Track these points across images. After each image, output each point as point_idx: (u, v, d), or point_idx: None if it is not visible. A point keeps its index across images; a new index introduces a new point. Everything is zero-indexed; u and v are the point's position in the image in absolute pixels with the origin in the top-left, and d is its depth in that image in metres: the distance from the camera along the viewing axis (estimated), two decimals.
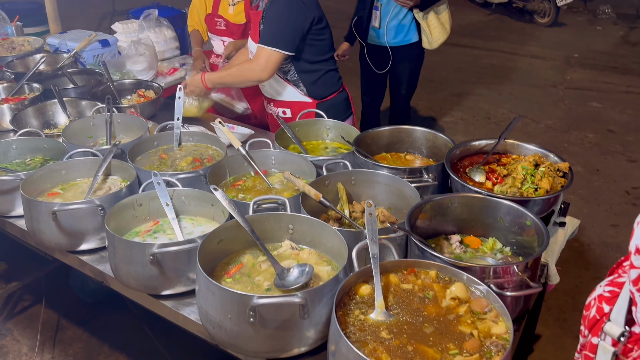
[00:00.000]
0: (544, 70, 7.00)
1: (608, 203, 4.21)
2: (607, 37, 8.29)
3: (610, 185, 4.45)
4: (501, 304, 1.30)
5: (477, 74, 6.85)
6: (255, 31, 2.54)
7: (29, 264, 3.07)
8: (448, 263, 1.42)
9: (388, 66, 3.84)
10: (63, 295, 3.07)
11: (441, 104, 5.96)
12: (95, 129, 2.37)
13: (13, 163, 2.17)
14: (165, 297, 1.60)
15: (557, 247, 1.89)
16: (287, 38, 2.37)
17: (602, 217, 4.03)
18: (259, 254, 1.62)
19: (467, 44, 7.78)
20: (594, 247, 3.70)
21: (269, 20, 2.39)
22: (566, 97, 6.17)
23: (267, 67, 2.38)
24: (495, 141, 1.99)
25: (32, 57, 3.17)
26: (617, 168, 4.72)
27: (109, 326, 2.94)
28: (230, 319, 1.33)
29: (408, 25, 3.73)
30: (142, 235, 1.75)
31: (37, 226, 1.78)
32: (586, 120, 5.59)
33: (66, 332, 2.93)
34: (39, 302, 3.05)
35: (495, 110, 5.84)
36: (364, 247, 1.43)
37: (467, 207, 1.71)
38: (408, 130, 2.21)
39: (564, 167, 1.83)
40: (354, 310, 1.32)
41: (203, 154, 2.20)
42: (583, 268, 3.46)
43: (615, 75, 6.78)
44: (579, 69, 7.00)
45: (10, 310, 3.04)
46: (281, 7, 2.36)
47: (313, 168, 1.96)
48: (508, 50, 7.69)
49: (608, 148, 5.05)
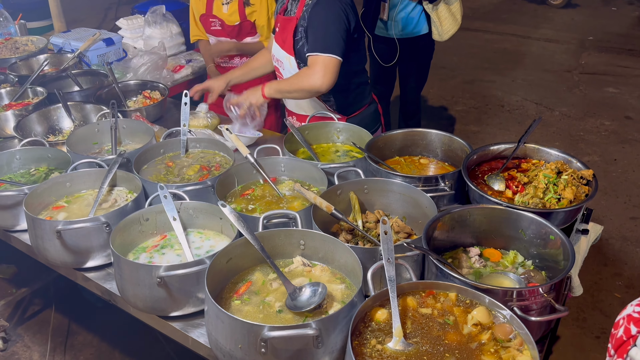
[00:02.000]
0: (557, 54, 6.85)
1: (627, 194, 4.10)
2: (623, 18, 8.09)
3: (628, 176, 4.34)
4: (526, 331, 1.24)
5: (489, 59, 6.71)
6: (286, 38, 2.38)
7: (39, 268, 3.05)
8: (469, 285, 1.35)
9: (395, 59, 3.75)
10: (73, 299, 3.05)
11: (453, 92, 5.84)
12: (100, 135, 2.31)
13: (17, 174, 2.13)
14: (174, 318, 1.56)
15: (580, 257, 1.82)
16: (339, 42, 2.22)
17: (620, 210, 3.93)
18: (269, 272, 1.56)
19: (479, 27, 7.62)
20: (613, 241, 3.61)
21: (317, 27, 2.24)
22: (581, 83, 6.03)
23: (326, 75, 2.20)
24: (514, 145, 1.91)
25: (35, 58, 3.11)
26: (635, 157, 4.60)
27: (119, 331, 2.91)
28: (241, 349, 1.28)
29: (417, 17, 3.63)
30: (149, 251, 1.70)
31: (41, 244, 1.74)
32: (602, 107, 5.46)
33: (77, 337, 2.91)
34: (49, 307, 3.04)
35: (508, 98, 5.72)
36: (380, 267, 1.37)
37: (486, 219, 1.64)
38: (422, 133, 2.13)
39: (588, 175, 1.75)
40: (370, 340, 1.26)
41: (210, 161, 2.13)
42: (602, 264, 3.38)
43: (632, 58, 6.61)
44: (594, 53, 6.83)
45: (20, 315, 3.03)
46: (327, 12, 2.22)
47: (324, 175, 1.90)
48: (520, 34, 7.53)
49: (626, 136, 4.92)
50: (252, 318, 1.40)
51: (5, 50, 3.25)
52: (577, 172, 1.76)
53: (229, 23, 3.07)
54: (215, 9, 3.08)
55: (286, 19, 2.38)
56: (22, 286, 3.10)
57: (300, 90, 2.29)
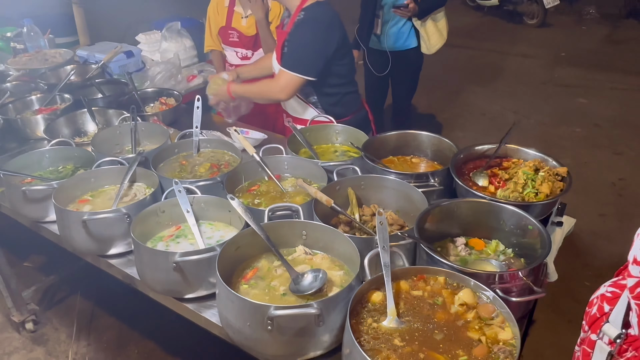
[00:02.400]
0: (533, 68, 6.84)
1: (596, 194, 4.10)
2: (592, 37, 8.09)
3: (597, 177, 4.34)
4: (507, 310, 1.23)
5: (472, 72, 6.70)
6: (278, 50, 2.39)
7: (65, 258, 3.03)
8: (456, 269, 1.34)
9: (387, 69, 3.75)
10: (96, 286, 3.03)
11: (439, 102, 5.83)
12: (121, 137, 2.30)
13: (47, 171, 2.11)
14: (188, 300, 1.55)
15: (555, 246, 1.81)
16: (310, 64, 2.22)
17: (590, 207, 3.92)
18: (274, 259, 1.55)
19: (462, 44, 7.60)
20: (584, 235, 3.60)
21: (293, 45, 2.24)
22: (555, 94, 6.02)
23: (285, 90, 2.24)
24: (496, 146, 1.91)
25: (63, 68, 3.10)
26: (603, 160, 4.60)
27: (138, 314, 2.90)
28: (249, 326, 1.27)
29: (407, 32, 3.63)
30: (165, 240, 1.69)
31: (68, 233, 1.73)
32: (574, 116, 5.45)
33: (100, 320, 2.90)
34: (75, 293, 3.02)
35: (489, 107, 5.71)
36: (376, 254, 1.36)
37: (471, 211, 1.63)
38: (414, 134, 2.12)
39: (563, 172, 1.74)
40: (366, 319, 1.25)
41: (220, 160, 2.12)
42: (573, 256, 3.37)
43: (600, 72, 6.60)
44: (566, 67, 6.83)
45: (49, 300, 3.02)
46: (306, 33, 2.21)
47: (324, 172, 1.89)
48: (500, 50, 7.52)
49: (595, 142, 4.92)
50: (259, 300, 1.39)
51: (35, 62, 3.23)
52: (553, 169, 1.76)
53: (247, 34, 3.09)
54: (235, 22, 3.10)
55: (281, 32, 2.39)
56: (50, 274, 3.08)
57: (262, 98, 2.38)
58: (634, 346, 1.15)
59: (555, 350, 2.55)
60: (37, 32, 3.45)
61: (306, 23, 2.21)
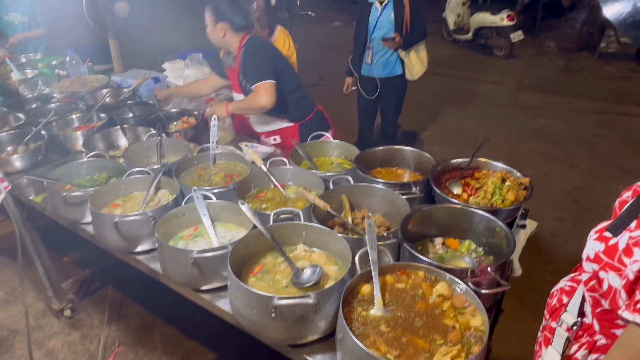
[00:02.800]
0: (501, 93, 6.87)
1: (554, 201, 4.10)
2: (552, 66, 8.13)
3: (556, 186, 4.34)
4: (478, 300, 1.22)
5: (449, 96, 6.73)
6: (236, 84, 2.54)
7: (99, 255, 3.03)
8: (434, 265, 1.34)
9: (376, 93, 3.77)
10: (125, 279, 3.02)
11: (421, 122, 5.85)
12: (148, 150, 2.30)
13: (84, 179, 2.11)
14: (204, 291, 1.54)
15: (520, 245, 1.80)
16: (267, 70, 2.34)
17: (550, 212, 3.92)
18: (278, 256, 1.54)
19: (441, 72, 7.65)
20: (544, 236, 3.60)
21: (250, 63, 2.37)
22: (519, 115, 6.04)
23: (269, 96, 2.32)
24: (469, 159, 1.91)
25: (99, 91, 3.11)
26: (561, 172, 4.60)
27: (161, 303, 2.88)
28: (255, 314, 1.26)
29: (394, 61, 3.65)
30: (185, 239, 1.69)
31: (102, 233, 1.72)
32: (536, 134, 5.46)
33: (128, 308, 2.88)
34: (106, 285, 3.00)
35: (464, 126, 5.72)
36: (365, 252, 1.35)
37: (448, 215, 1.62)
38: (399, 149, 2.12)
39: (526, 182, 1.74)
40: (357, 308, 1.24)
41: (233, 170, 2.12)
42: (536, 254, 3.36)
43: (558, 96, 6.63)
44: (529, 92, 6.85)
45: (85, 291, 3.00)
46: (255, 50, 2.37)
47: (321, 181, 1.89)
48: (473, 78, 7.55)
49: (554, 156, 4.92)
50: (265, 291, 1.37)
51: (76, 86, 3.24)
52: (517, 179, 1.76)
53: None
54: None
55: (231, 69, 2.53)
56: (85, 268, 3.07)
57: (253, 109, 2.42)
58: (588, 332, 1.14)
59: (521, 335, 2.54)
60: (78, 61, 3.46)
61: (250, 49, 2.39)
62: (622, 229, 1.01)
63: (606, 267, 1.02)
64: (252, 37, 2.43)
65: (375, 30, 3.57)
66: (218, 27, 2.37)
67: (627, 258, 0.97)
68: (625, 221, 1.01)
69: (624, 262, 0.98)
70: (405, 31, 3.51)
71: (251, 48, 2.39)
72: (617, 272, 0.99)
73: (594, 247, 1.05)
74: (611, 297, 1.01)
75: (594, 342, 1.13)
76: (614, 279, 1.00)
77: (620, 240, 1.01)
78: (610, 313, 1.08)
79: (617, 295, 0.99)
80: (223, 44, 2.44)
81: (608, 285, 1.02)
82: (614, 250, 1.00)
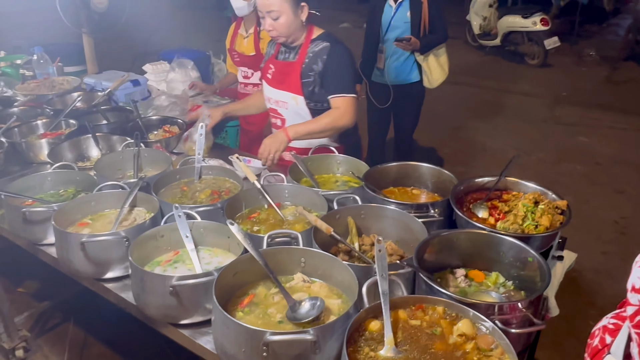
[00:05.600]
0: (534, 106, 6.95)
1: (598, 231, 4.09)
2: (592, 77, 8.24)
3: (599, 215, 4.33)
4: (507, 341, 1.22)
5: (473, 109, 6.80)
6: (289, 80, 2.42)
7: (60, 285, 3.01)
8: (455, 300, 1.33)
9: (389, 102, 3.82)
10: (90, 314, 2.99)
11: (441, 137, 5.90)
12: (123, 162, 2.33)
13: (47, 194, 2.12)
14: (183, 326, 1.53)
15: (556, 280, 1.80)
16: (353, 83, 2.36)
17: (592, 245, 3.91)
18: (271, 286, 1.54)
19: (464, 82, 7.75)
20: (586, 273, 3.57)
21: (337, 71, 2.34)
22: (556, 132, 6.09)
23: (353, 113, 2.33)
24: (496, 179, 1.92)
25: (69, 95, 3.16)
26: (605, 198, 4.60)
27: (132, 344, 2.85)
28: (244, 352, 1.26)
29: (410, 66, 3.72)
30: (163, 265, 1.69)
31: (66, 255, 1.72)
32: (575, 153, 5.49)
33: (92, 349, 2.85)
34: (67, 320, 2.98)
35: (490, 143, 5.77)
36: (374, 283, 1.35)
37: (471, 242, 1.63)
38: (414, 166, 2.14)
39: (562, 205, 1.75)
40: (363, 347, 1.24)
41: (221, 187, 2.14)
42: (576, 294, 3.34)
43: (600, 111, 6.70)
44: (566, 106, 6.93)
45: (41, 327, 2.97)
46: (344, 56, 2.36)
47: (324, 201, 1.90)
48: (501, 88, 7.65)
49: (596, 179, 4.94)
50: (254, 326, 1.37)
51: (43, 88, 3.29)
52: (553, 202, 1.77)
53: (247, 53, 3.33)
54: (237, 43, 3.39)
55: (286, 63, 2.45)
56: (43, 300, 3.05)
57: (332, 129, 2.36)
58: None
59: None
60: (46, 60, 3.53)
61: (339, 51, 2.35)
62: None
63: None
64: (335, 38, 2.38)
65: (389, 31, 3.65)
66: (302, 6, 2.28)
67: None
68: None
69: None
70: (423, 32, 3.59)
71: (340, 48, 2.34)
72: None
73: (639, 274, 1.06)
74: None
75: None
76: None
77: None
78: None
79: None
80: (292, 30, 2.31)
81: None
82: None
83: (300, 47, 2.40)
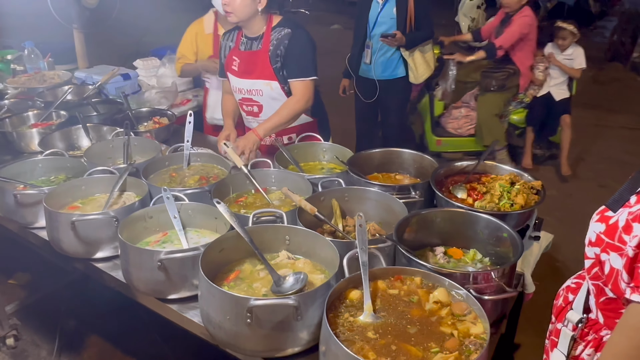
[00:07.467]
0: None
1: (581, 224, 4.12)
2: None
3: (583, 208, 4.41)
4: (479, 306, 1.28)
5: None
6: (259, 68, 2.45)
7: (51, 276, 3.04)
8: (432, 270, 1.39)
9: (375, 97, 3.88)
10: (81, 305, 3.01)
11: None
12: (114, 151, 2.37)
13: (38, 180, 2.16)
14: (171, 301, 1.58)
15: (533, 258, 1.87)
16: (312, 65, 2.43)
17: (575, 236, 3.95)
18: (257, 263, 1.59)
19: None
20: (569, 263, 3.65)
21: (296, 55, 2.40)
22: None
23: (305, 97, 2.40)
24: (475, 162, 1.99)
25: (60, 88, 3.19)
26: (588, 192, 4.69)
27: (121, 333, 2.87)
28: (229, 320, 1.31)
29: (395, 61, 3.79)
30: (152, 245, 1.74)
31: (57, 235, 1.77)
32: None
33: (82, 338, 2.87)
34: (58, 310, 3.00)
35: None
36: (355, 255, 1.41)
37: (450, 221, 1.69)
38: (397, 152, 2.21)
39: (537, 185, 1.82)
40: (343, 313, 1.29)
41: (209, 173, 2.19)
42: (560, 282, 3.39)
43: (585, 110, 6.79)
44: None
45: (32, 316, 2.99)
46: (304, 40, 2.42)
47: (309, 185, 1.95)
48: None
49: (580, 174, 5.03)
50: None
51: (34, 82, 3.33)
52: (528, 183, 1.83)
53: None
54: None
55: (251, 53, 2.46)
56: (35, 292, 3.07)
57: (294, 116, 2.42)
58: (594, 329, 1.20)
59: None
60: (37, 55, 3.56)
61: (298, 34, 2.41)
62: (621, 204, 1.09)
63: (607, 248, 1.09)
64: (295, 23, 2.45)
65: (375, 27, 3.72)
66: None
67: (627, 235, 1.05)
68: (625, 196, 1.09)
69: (624, 240, 1.05)
70: (409, 28, 3.66)
71: (300, 33, 2.41)
72: (618, 252, 1.06)
73: (595, 229, 1.13)
74: (613, 281, 1.08)
75: (599, 339, 1.19)
76: (615, 260, 1.07)
77: (619, 217, 1.09)
78: (614, 302, 1.14)
79: (618, 277, 1.06)
80: (248, 17, 2.35)
81: (610, 268, 1.09)
82: (614, 229, 1.08)
83: (262, 36, 2.45)
